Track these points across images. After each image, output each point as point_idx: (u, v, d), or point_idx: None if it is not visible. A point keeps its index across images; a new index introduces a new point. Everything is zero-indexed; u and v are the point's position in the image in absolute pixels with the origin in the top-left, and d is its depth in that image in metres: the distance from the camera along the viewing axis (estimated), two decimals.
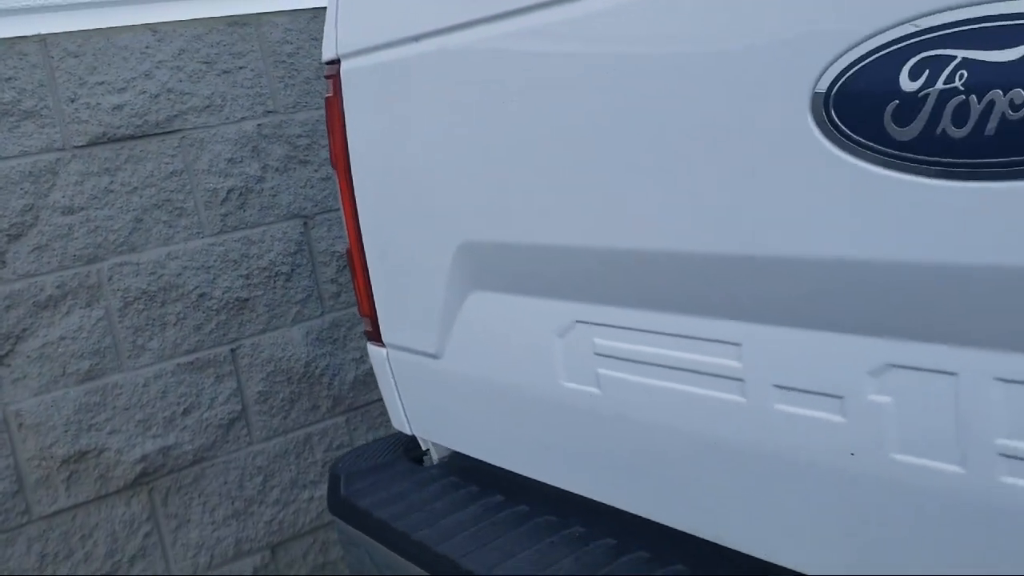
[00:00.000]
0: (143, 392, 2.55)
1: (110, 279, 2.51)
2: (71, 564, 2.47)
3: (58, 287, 2.44)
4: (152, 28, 2.56)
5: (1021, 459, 0.85)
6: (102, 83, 2.49)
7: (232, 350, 2.69)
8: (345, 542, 1.71)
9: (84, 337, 2.47)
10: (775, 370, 1.04)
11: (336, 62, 1.63)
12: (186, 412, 2.62)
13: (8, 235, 2.37)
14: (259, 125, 2.70)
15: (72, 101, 2.45)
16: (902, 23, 0.82)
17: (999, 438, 0.87)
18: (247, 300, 2.70)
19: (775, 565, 1.09)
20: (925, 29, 0.80)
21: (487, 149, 1.32)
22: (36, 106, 2.40)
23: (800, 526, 1.06)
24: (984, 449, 0.88)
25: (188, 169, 2.61)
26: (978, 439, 0.88)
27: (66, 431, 2.44)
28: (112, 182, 2.51)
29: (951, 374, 0.89)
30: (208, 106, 2.64)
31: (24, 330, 2.39)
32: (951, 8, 0.78)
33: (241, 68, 2.67)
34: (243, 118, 2.68)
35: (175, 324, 2.60)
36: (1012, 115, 0.76)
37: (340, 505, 1.71)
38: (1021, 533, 0.86)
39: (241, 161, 2.68)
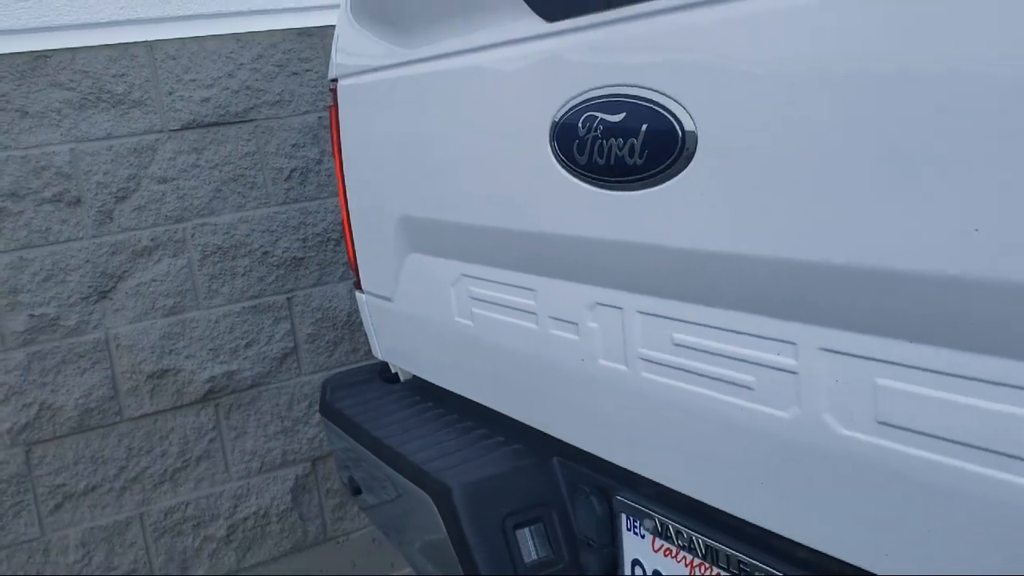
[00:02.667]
0: (214, 327, 3.22)
1: (193, 236, 3.18)
2: (151, 457, 3.15)
3: (152, 240, 3.12)
4: (236, 37, 3.21)
5: (652, 362, 1.39)
6: (194, 80, 3.15)
7: (288, 298, 3.34)
8: (329, 435, 2.32)
9: (170, 280, 3.15)
10: (549, 307, 1.59)
11: (335, 80, 2.22)
12: (248, 345, 3.28)
13: (116, 197, 3.05)
14: (319, 118, 3.32)
15: (170, 94, 3.12)
16: (582, 93, 1.37)
17: (641, 348, 1.41)
18: (302, 259, 3.34)
19: (563, 442, 1.65)
20: (588, 99, 1.35)
21: (417, 153, 1.89)
22: (142, 97, 3.07)
23: (559, 402, 1.61)
24: (633, 356, 1.42)
25: (260, 151, 3.26)
26: (632, 350, 1.42)
27: (152, 353, 3.12)
28: (198, 159, 3.17)
29: (618, 308, 1.43)
30: (278, 101, 3.28)
31: (124, 272, 3.08)
32: (596, 87, 1.33)
33: (307, 71, 3.29)
34: (306, 111, 3.30)
35: (243, 274, 3.26)
36: (620, 152, 1.30)
37: (325, 408, 2.32)
38: (653, 411, 1.40)
39: (303, 146, 3.31)
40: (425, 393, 2.23)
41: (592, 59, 1.35)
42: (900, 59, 0.94)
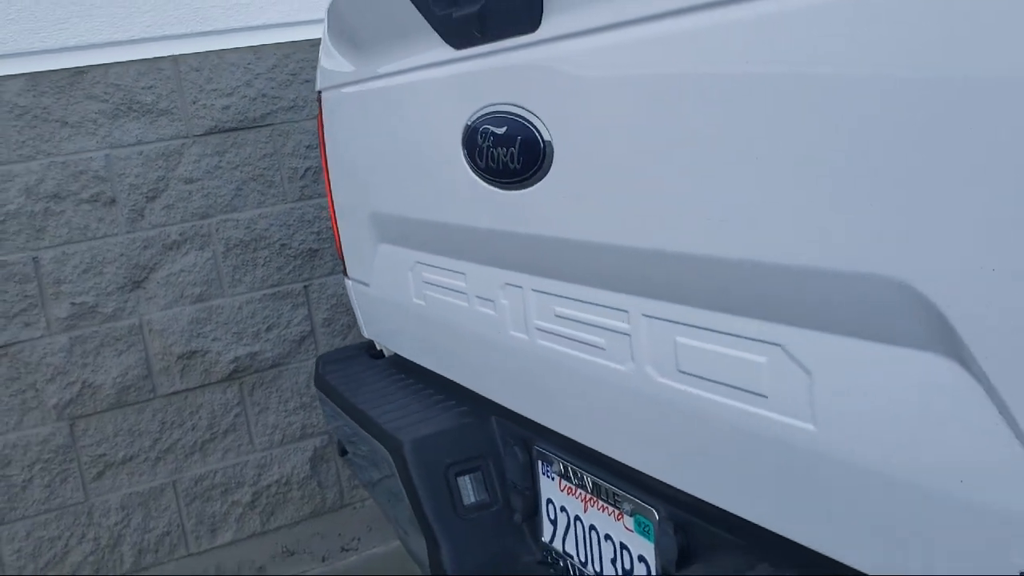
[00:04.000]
0: (238, 312, 3.57)
1: (217, 230, 3.53)
2: (183, 430, 3.52)
3: (180, 235, 3.47)
4: (253, 50, 3.55)
5: (543, 331, 1.69)
6: (215, 89, 3.50)
7: (305, 286, 3.68)
8: (321, 403, 2.65)
9: (197, 271, 3.50)
10: (475, 287, 1.89)
11: (320, 92, 2.54)
12: (269, 328, 3.63)
13: (147, 196, 3.41)
14: None
15: (194, 103, 3.47)
16: (480, 108, 1.66)
17: (536, 320, 1.70)
18: (317, 251, 3.67)
19: (497, 404, 1.94)
20: (484, 114, 1.65)
21: (376, 156, 2.20)
22: (168, 106, 3.43)
23: (487, 367, 1.91)
24: (526, 325, 1.72)
25: (277, 152, 3.60)
26: (530, 321, 1.72)
27: (181, 336, 3.48)
28: (221, 161, 3.52)
29: (519, 287, 1.73)
30: (293, 107, 3.61)
31: (155, 264, 3.44)
32: (489, 104, 1.63)
33: None
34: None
35: (263, 265, 3.60)
36: (505, 158, 1.59)
37: (318, 380, 2.64)
38: (546, 372, 1.69)
39: (316, 147, 3.64)
40: (403, 367, 2.54)
41: (485, 81, 1.64)
42: (689, 94, 1.22)
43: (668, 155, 1.25)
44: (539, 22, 1.46)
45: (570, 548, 1.84)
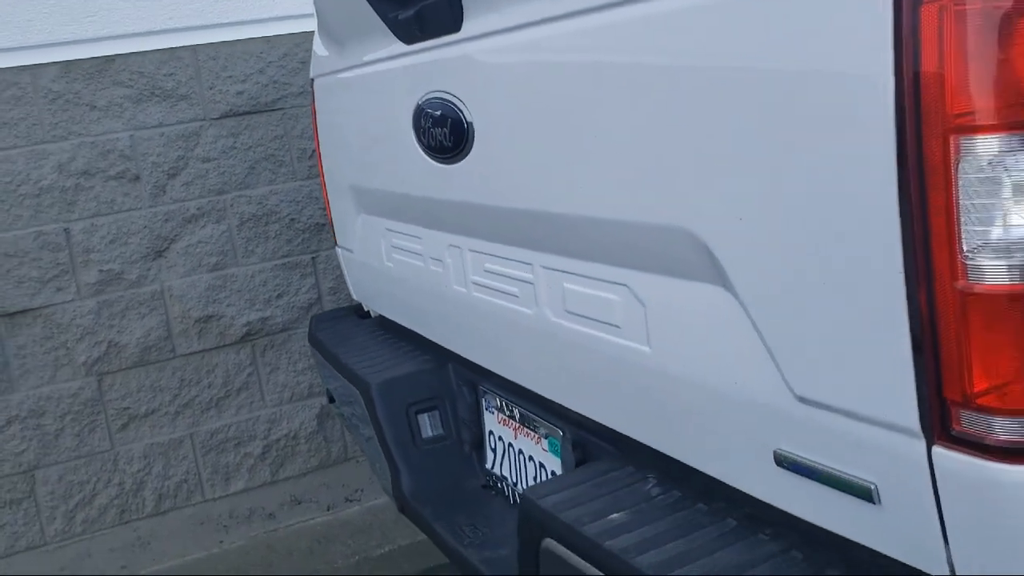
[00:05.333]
0: (250, 280, 3.91)
1: (231, 205, 3.86)
2: (200, 387, 3.86)
3: (198, 209, 3.81)
4: (266, 40, 3.88)
5: (477, 284, 1.99)
6: (231, 76, 3.83)
7: (312, 258, 4.01)
8: (313, 357, 2.98)
9: (213, 242, 3.84)
10: (427, 249, 2.20)
11: (312, 79, 2.86)
12: (279, 296, 3.96)
13: (168, 174, 3.76)
14: None
15: (211, 88, 3.80)
16: (425, 94, 1.96)
17: (471, 275, 2.01)
18: (323, 225, 4.00)
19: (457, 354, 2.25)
20: (427, 99, 1.95)
21: (352, 136, 2.52)
22: (187, 92, 3.76)
23: (439, 318, 2.22)
24: (465, 280, 2.02)
25: (287, 135, 3.93)
26: (467, 277, 2.02)
27: (199, 301, 3.83)
28: (235, 142, 3.85)
29: (459, 248, 2.03)
30: (302, 92, 3.93)
31: (175, 235, 3.78)
32: (430, 91, 1.93)
33: None
34: None
35: (274, 237, 3.94)
36: (441, 136, 1.90)
37: (311, 338, 2.97)
38: (479, 320, 1.99)
39: None
40: (385, 325, 2.86)
41: (425, 72, 1.95)
42: (566, 85, 1.52)
43: (553, 134, 1.55)
44: (461, 23, 1.76)
45: (505, 471, 2.15)
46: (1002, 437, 0.95)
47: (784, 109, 1.08)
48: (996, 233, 0.92)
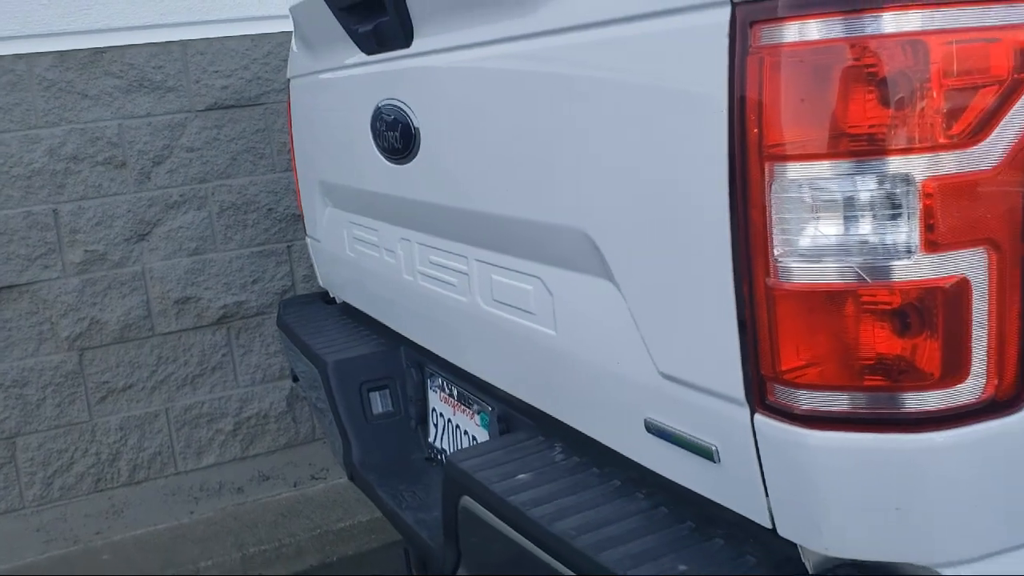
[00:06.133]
0: (228, 266, 4.12)
1: (212, 194, 4.07)
2: (176, 365, 4.07)
3: (180, 196, 4.02)
4: (251, 38, 4.09)
5: (423, 274, 2.21)
6: (217, 71, 4.04)
7: (288, 246, 4.22)
8: (281, 339, 3.19)
9: (194, 228, 4.05)
10: (383, 241, 2.42)
11: (289, 80, 3.08)
12: (255, 282, 4.17)
13: (153, 161, 3.97)
14: None
15: (197, 82, 4.01)
16: (381, 100, 2.18)
17: (419, 266, 2.23)
18: (299, 216, 4.21)
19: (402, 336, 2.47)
20: (382, 104, 2.17)
21: (320, 134, 2.74)
22: (175, 84, 3.97)
23: (393, 305, 2.44)
24: (413, 270, 2.24)
25: (268, 128, 4.14)
26: (415, 267, 2.24)
27: (178, 284, 4.04)
28: (219, 133, 4.07)
29: (409, 240, 2.25)
30: (283, 89, 4.14)
31: (158, 220, 3.99)
32: (385, 98, 2.15)
33: None
34: None
35: (252, 226, 4.15)
36: (392, 139, 2.12)
37: (279, 321, 3.19)
38: (426, 306, 2.21)
39: None
40: (349, 311, 3.08)
41: (382, 80, 2.17)
42: (493, 100, 1.75)
43: (482, 142, 1.77)
44: (411, 40, 1.98)
45: (445, 445, 2.37)
46: (805, 407, 1.17)
47: (654, 132, 1.30)
48: (801, 242, 1.14)
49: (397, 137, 2.08)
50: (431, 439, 2.45)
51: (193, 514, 4.05)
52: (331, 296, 3.22)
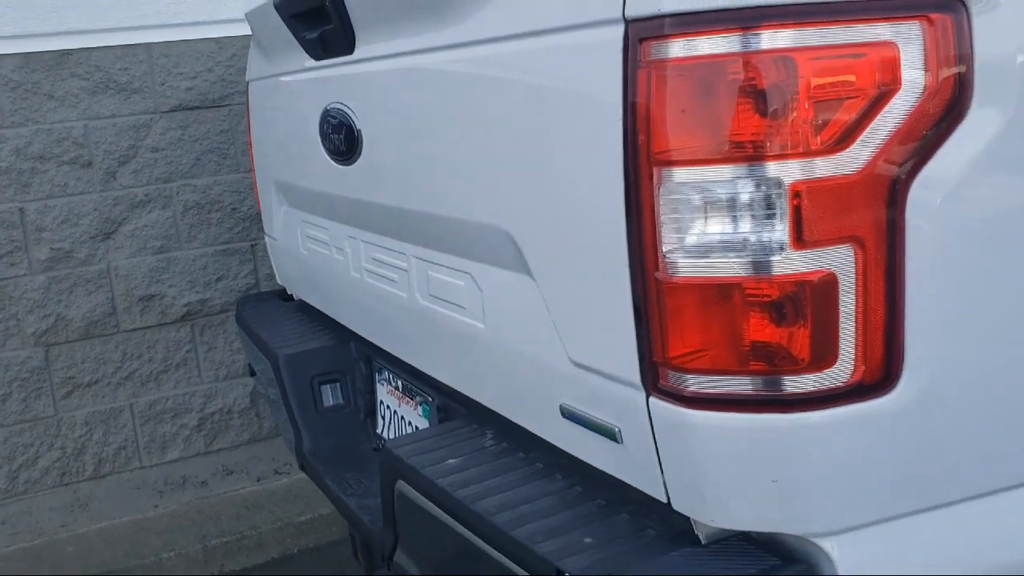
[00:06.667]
0: (192, 264, 4.21)
1: (177, 193, 4.16)
2: (141, 361, 4.15)
3: (146, 195, 4.10)
4: (216, 41, 4.17)
5: (368, 271, 2.31)
6: (182, 73, 4.13)
7: (251, 245, 4.31)
8: (240, 336, 3.29)
9: (159, 227, 4.13)
10: (332, 239, 2.52)
11: (248, 83, 3.17)
12: (219, 279, 4.26)
13: (119, 161, 4.04)
14: None
15: (162, 84, 4.09)
16: (329, 104, 2.28)
17: (364, 263, 2.33)
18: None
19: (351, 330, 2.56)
20: (329, 108, 2.27)
21: (274, 135, 2.83)
22: (141, 86, 4.06)
23: (343, 300, 2.53)
24: (360, 267, 2.34)
25: (232, 129, 4.23)
26: (361, 264, 2.34)
27: (143, 281, 4.12)
28: (184, 134, 4.15)
29: (355, 239, 2.35)
30: (247, 90, 4.23)
31: (124, 219, 4.07)
32: (332, 101, 2.25)
33: None
34: None
35: (216, 224, 4.24)
36: (338, 141, 2.21)
37: (237, 317, 3.28)
38: (372, 301, 2.31)
39: None
40: (304, 308, 3.17)
41: (328, 85, 2.27)
42: (427, 106, 1.85)
43: (418, 145, 1.88)
44: (353, 47, 2.09)
45: (392, 435, 2.47)
46: (692, 390, 1.28)
47: (563, 137, 1.41)
48: (686, 240, 1.25)
49: (342, 139, 2.18)
50: (379, 430, 2.54)
51: (157, 507, 4.13)
52: (289, 293, 3.32)
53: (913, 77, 1.21)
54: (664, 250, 1.25)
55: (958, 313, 1.26)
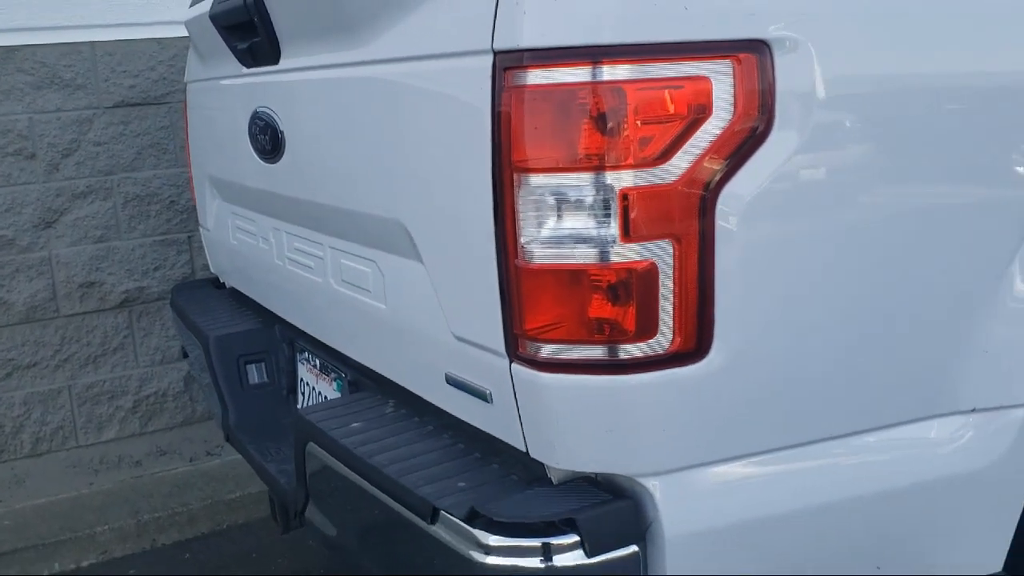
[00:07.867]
0: (131, 253, 4.41)
1: (118, 185, 4.36)
2: (79, 345, 4.35)
3: (87, 187, 4.30)
4: (158, 41, 4.39)
5: (290, 259, 2.56)
6: (125, 71, 4.33)
7: (188, 236, 4.53)
8: (173, 320, 3.51)
9: (100, 217, 4.34)
10: (259, 231, 2.76)
11: (186, 83, 3.40)
12: (156, 269, 4.47)
13: (62, 153, 4.24)
14: None
15: (106, 81, 4.30)
16: (257, 107, 2.53)
17: (287, 252, 2.58)
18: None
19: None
20: (257, 111, 2.51)
21: (207, 133, 3.07)
22: (84, 83, 4.26)
23: (268, 287, 2.78)
24: (283, 256, 2.59)
25: (172, 126, 4.44)
26: (284, 253, 2.59)
27: (83, 269, 4.32)
28: (125, 129, 4.36)
29: (280, 230, 2.60)
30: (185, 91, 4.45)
31: (65, 209, 4.27)
32: (260, 105, 2.50)
33: None
34: None
35: (154, 216, 4.45)
36: (264, 141, 2.46)
37: (172, 302, 3.50)
38: (294, 288, 2.56)
39: None
40: (236, 295, 3.41)
41: (256, 91, 2.52)
42: (346, 110, 2.11)
43: (330, 146, 2.14)
44: (279, 58, 2.34)
45: None
46: (543, 356, 1.56)
47: (447, 143, 1.68)
48: (540, 233, 1.53)
49: (268, 140, 2.43)
50: (299, 405, 2.80)
51: (92, 485, 4.33)
52: (221, 281, 3.55)
53: (723, 106, 1.49)
54: (523, 241, 1.53)
55: (760, 298, 1.56)
